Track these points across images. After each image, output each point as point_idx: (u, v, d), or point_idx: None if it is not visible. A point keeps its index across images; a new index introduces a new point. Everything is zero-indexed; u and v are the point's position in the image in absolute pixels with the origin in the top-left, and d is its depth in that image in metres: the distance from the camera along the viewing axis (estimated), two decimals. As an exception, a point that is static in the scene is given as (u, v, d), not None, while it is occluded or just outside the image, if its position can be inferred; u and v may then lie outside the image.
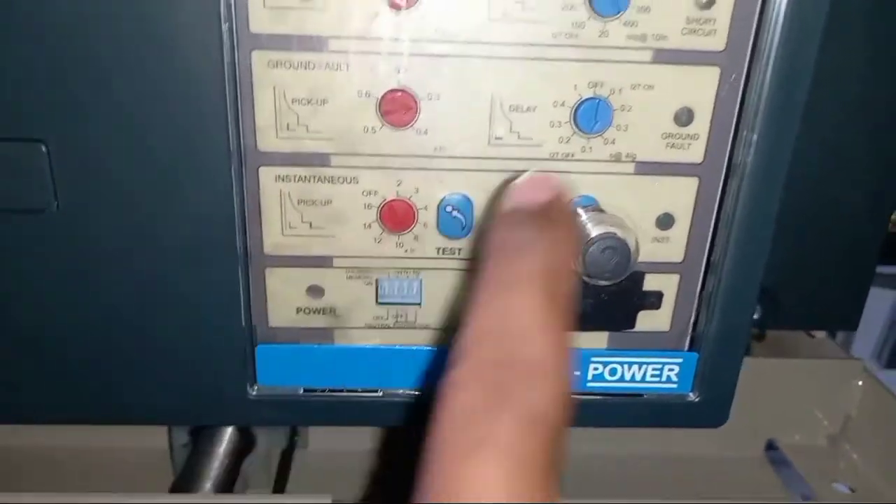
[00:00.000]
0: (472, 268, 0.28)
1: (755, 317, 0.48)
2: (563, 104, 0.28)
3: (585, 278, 0.28)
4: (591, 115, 0.28)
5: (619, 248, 0.27)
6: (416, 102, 0.28)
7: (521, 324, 0.20)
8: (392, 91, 0.27)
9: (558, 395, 0.19)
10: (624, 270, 0.27)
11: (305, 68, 0.27)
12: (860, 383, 0.56)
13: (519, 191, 0.25)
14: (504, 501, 0.17)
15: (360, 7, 0.26)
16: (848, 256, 0.47)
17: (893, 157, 0.44)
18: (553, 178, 0.26)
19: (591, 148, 0.29)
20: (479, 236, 0.27)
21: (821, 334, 0.57)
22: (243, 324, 0.30)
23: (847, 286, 0.47)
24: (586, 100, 0.28)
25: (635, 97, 0.28)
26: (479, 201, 0.29)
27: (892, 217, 0.48)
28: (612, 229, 0.27)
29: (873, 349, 0.83)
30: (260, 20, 0.26)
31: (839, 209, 0.45)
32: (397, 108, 0.28)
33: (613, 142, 0.29)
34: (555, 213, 0.25)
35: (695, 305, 0.32)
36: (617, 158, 0.29)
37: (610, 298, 0.31)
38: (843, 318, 0.48)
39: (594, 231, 0.28)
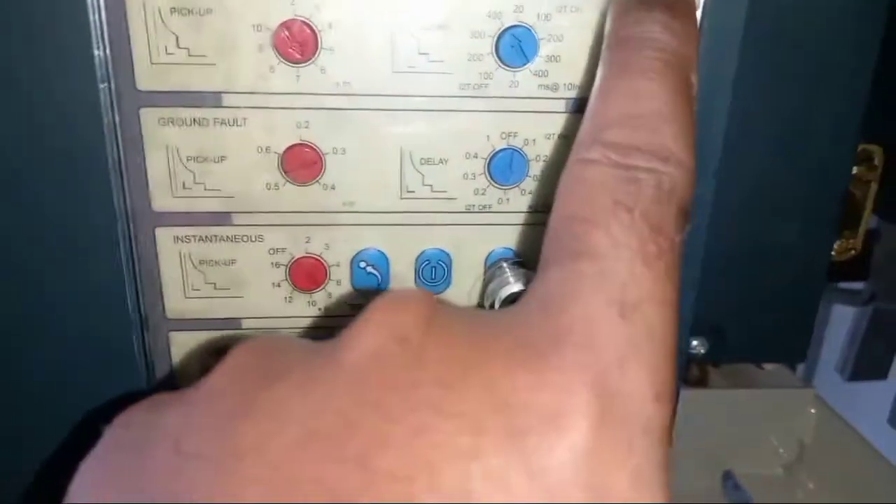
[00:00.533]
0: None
1: (702, 352, 0.47)
2: (475, 156, 0.27)
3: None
4: (506, 167, 0.27)
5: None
6: (320, 157, 0.26)
7: (650, 110, 0.20)
8: (294, 146, 0.26)
9: (687, 181, 0.20)
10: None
11: (199, 125, 0.25)
12: (813, 411, 0.55)
13: None
14: (630, 255, 0.18)
15: (253, 61, 0.25)
16: (793, 288, 0.46)
17: (832, 188, 0.44)
18: None
19: (508, 199, 0.28)
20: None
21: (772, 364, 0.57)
22: (147, 389, 0.28)
23: (793, 318, 0.47)
24: (500, 151, 0.27)
25: (551, 147, 0.27)
26: (395, 255, 0.28)
27: (836, 246, 0.47)
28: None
29: (836, 363, 0.83)
30: (147, 77, 0.25)
31: (781, 241, 0.44)
32: (300, 163, 0.26)
33: (531, 192, 0.28)
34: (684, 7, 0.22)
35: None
36: (536, 209, 0.28)
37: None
38: (791, 349, 0.47)
39: (516, 287, 0.26)
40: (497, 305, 0.26)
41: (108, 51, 0.24)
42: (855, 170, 0.45)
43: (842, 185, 0.44)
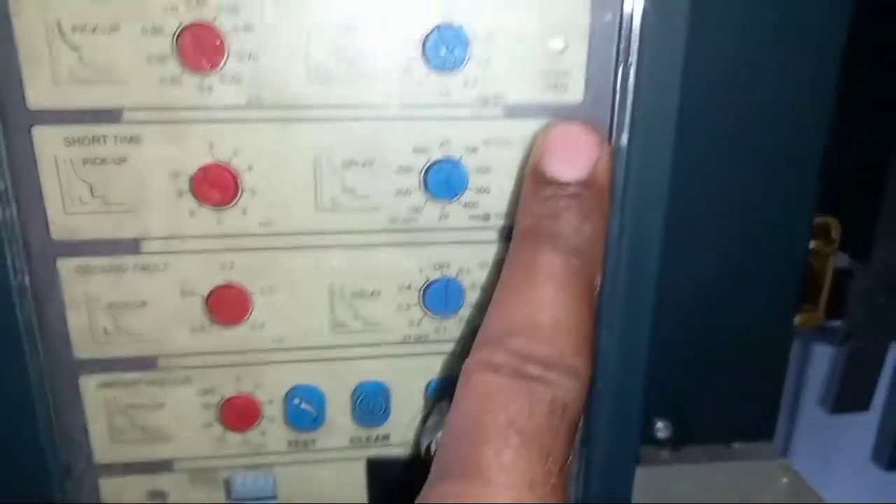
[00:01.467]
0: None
1: (666, 435, 0.47)
2: (409, 287, 0.26)
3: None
4: (441, 297, 0.26)
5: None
6: (247, 297, 0.25)
7: (552, 320, 0.21)
8: (219, 288, 0.25)
9: (580, 393, 0.21)
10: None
11: (118, 272, 0.25)
12: (785, 481, 0.54)
13: (555, 153, 0.23)
14: (518, 481, 0.18)
15: (171, 207, 0.24)
16: (756, 366, 0.45)
17: (790, 265, 0.44)
18: (594, 136, 0.22)
19: (445, 329, 0.27)
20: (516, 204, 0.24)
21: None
22: (74, 539, 0.27)
23: (758, 396, 0.46)
24: (434, 281, 0.26)
25: (486, 275, 0.26)
26: (330, 390, 0.27)
27: (798, 319, 0.47)
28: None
29: (818, 398, 0.83)
30: (61, 228, 0.24)
31: (742, 321, 0.44)
32: (226, 305, 0.25)
33: (470, 321, 0.27)
34: (594, 194, 0.22)
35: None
36: (474, 337, 0.27)
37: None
38: (756, 429, 0.47)
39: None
40: (433, 447, 0.25)
41: (15, 208, 0.23)
42: (813, 244, 0.45)
43: (799, 261, 0.44)
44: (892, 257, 0.53)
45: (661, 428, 0.46)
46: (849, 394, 0.67)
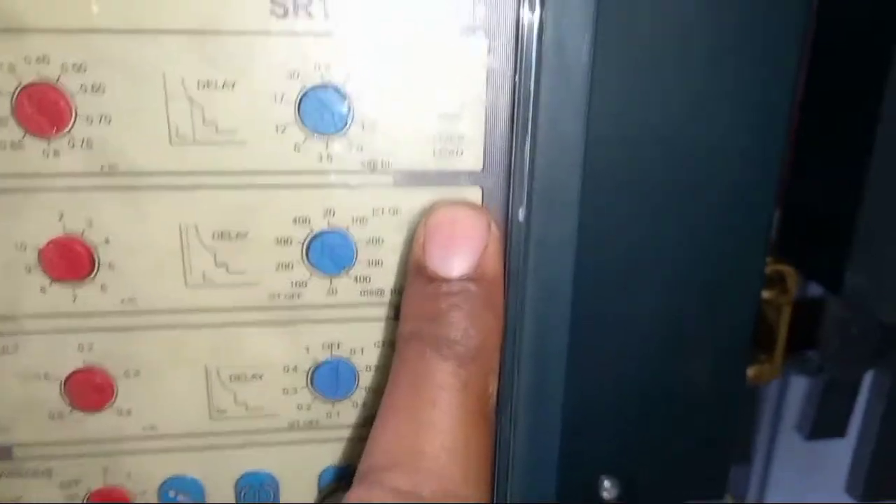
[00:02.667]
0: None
1: (613, 495, 0.44)
2: (294, 369, 0.24)
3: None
4: (332, 379, 0.24)
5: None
6: (110, 381, 0.23)
7: (437, 448, 0.18)
8: (77, 371, 0.22)
9: None
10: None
11: (-39, 354, 0.22)
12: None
13: (438, 244, 0.20)
14: None
15: (19, 283, 0.21)
16: (706, 424, 0.43)
17: (740, 317, 0.41)
18: (480, 220, 0.20)
19: (338, 413, 0.24)
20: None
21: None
22: None
23: (708, 454, 0.43)
24: (323, 363, 0.23)
25: (381, 355, 0.24)
26: (210, 481, 0.24)
27: (751, 372, 0.44)
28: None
29: (796, 423, 0.82)
30: None
31: (691, 377, 0.41)
32: (87, 389, 0.23)
33: (365, 404, 0.24)
34: (483, 289, 0.20)
35: None
36: (371, 422, 0.24)
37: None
38: (707, 486, 0.44)
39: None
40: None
41: None
42: (766, 294, 0.43)
43: (750, 315, 0.41)
44: (863, 286, 0.51)
45: (608, 487, 0.43)
46: (825, 420, 0.67)
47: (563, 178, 0.21)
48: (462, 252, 0.20)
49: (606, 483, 0.44)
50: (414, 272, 0.20)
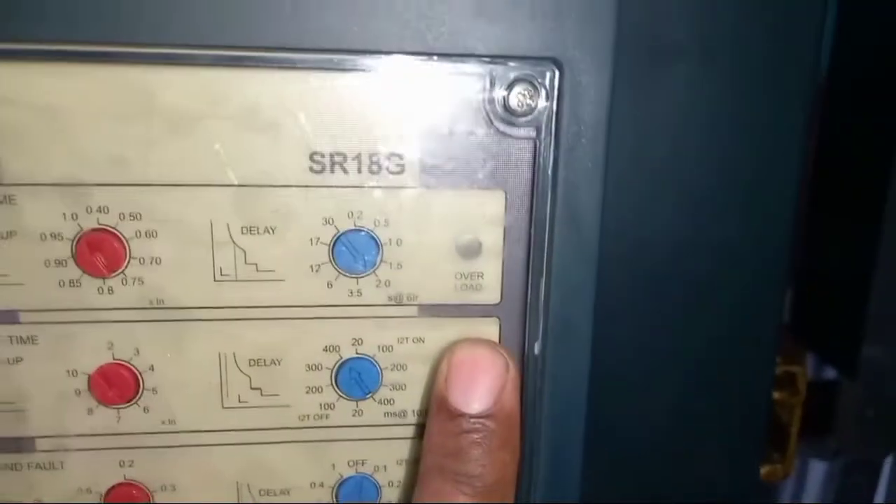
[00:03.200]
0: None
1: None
2: (321, 485, 0.25)
3: None
4: (356, 495, 0.25)
5: None
6: (148, 495, 0.24)
7: None
8: (119, 486, 0.24)
9: None
10: None
11: (13, 469, 0.23)
12: None
13: (459, 381, 0.21)
14: None
15: (68, 406, 0.23)
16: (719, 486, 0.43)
17: (751, 418, 0.42)
18: (499, 359, 0.21)
19: (360, 526, 0.25)
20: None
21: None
22: None
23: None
24: (347, 479, 0.25)
25: (404, 472, 0.25)
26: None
27: (764, 470, 0.45)
28: None
29: None
30: (-52, 429, 0.23)
31: (703, 476, 0.42)
32: (126, 503, 0.24)
33: (385, 517, 0.25)
34: (501, 427, 0.21)
35: None
36: (392, 534, 0.26)
37: None
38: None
39: None
40: None
41: None
42: (777, 395, 0.44)
43: (762, 412, 0.42)
44: (879, 369, 0.51)
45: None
46: None
47: (575, 317, 0.23)
48: (482, 390, 0.21)
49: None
50: (437, 406, 0.22)
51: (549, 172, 0.22)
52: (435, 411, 0.22)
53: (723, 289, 0.38)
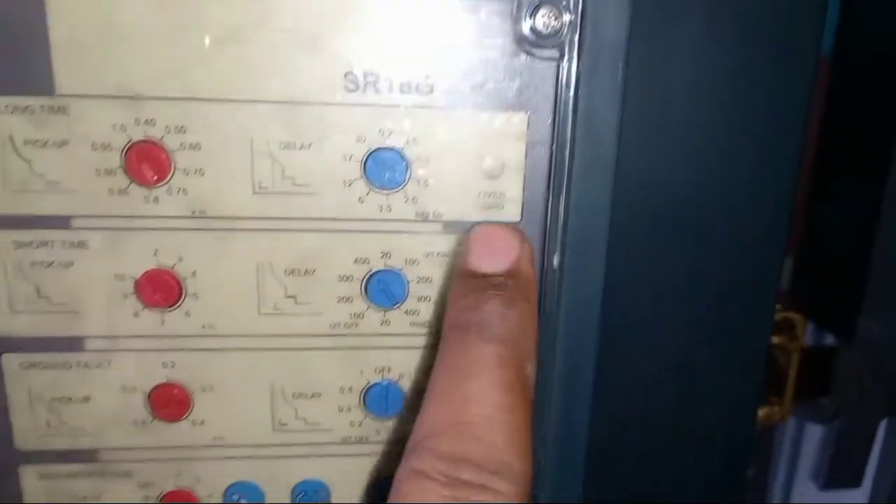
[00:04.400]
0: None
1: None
2: (350, 390, 0.27)
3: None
4: (382, 400, 0.27)
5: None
6: (188, 396, 0.26)
7: (480, 417, 0.20)
8: (160, 386, 0.26)
9: (518, 492, 0.19)
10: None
11: (63, 368, 0.25)
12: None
13: (478, 249, 0.23)
14: None
15: (116, 308, 0.25)
16: (717, 466, 0.45)
17: (750, 361, 0.44)
18: (515, 235, 0.23)
19: (386, 430, 0.27)
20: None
21: None
22: None
23: (719, 497, 0.46)
24: (374, 385, 0.27)
25: (427, 380, 0.27)
26: (269, 487, 0.27)
27: (762, 412, 0.47)
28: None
29: (810, 472, 0.82)
30: (7, 324, 0.24)
31: (701, 420, 0.44)
32: (168, 402, 0.26)
33: (410, 423, 0.27)
34: (518, 283, 0.22)
35: None
36: (414, 438, 0.27)
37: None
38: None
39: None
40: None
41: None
42: (776, 339, 0.45)
43: (760, 357, 0.44)
44: (877, 335, 0.53)
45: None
46: (840, 470, 0.67)
47: (592, 231, 0.24)
48: (499, 255, 0.22)
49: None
50: (456, 276, 0.23)
51: (571, 94, 0.23)
52: (455, 280, 0.23)
53: (728, 230, 0.39)
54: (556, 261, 0.24)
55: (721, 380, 0.42)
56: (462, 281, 0.23)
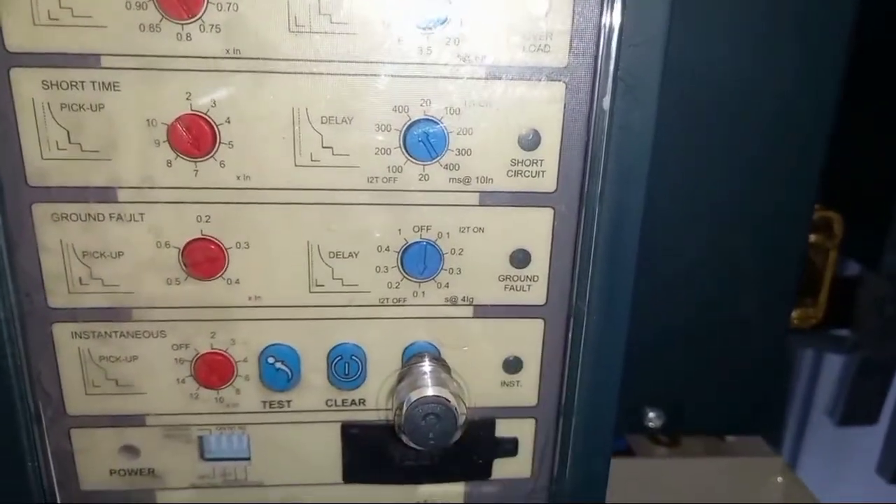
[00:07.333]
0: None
1: (658, 424, 0.46)
2: (387, 249, 0.26)
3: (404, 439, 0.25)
4: (420, 260, 0.26)
5: (442, 417, 0.24)
6: (223, 252, 0.25)
7: None
8: (194, 241, 0.25)
9: None
10: (444, 440, 0.24)
11: (94, 220, 0.24)
12: (780, 480, 0.54)
13: None
14: None
15: (148, 157, 0.24)
16: (750, 359, 0.45)
17: (788, 257, 0.43)
18: None
19: (423, 293, 0.27)
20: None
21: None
22: (43, 486, 0.27)
23: (751, 392, 0.45)
24: (412, 244, 0.26)
25: (465, 240, 0.26)
26: (305, 351, 0.27)
27: (795, 314, 0.46)
28: (444, 394, 0.25)
29: (827, 408, 0.82)
30: (38, 173, 0.24)
31: (738, 312, 0.43)
32: (202, 258, 0.25)
33: (447, 285, 0.27)
34: None
35: (555, 450, 0.29)
36: (453, 302, 0.27)
37: (462, 447, 0.28)
38: (749, 423, 0.46)
39: (428, 391, 0.25)
40: (405, 408, 0.25)
41: (-9, 149, 0.23)
42: (813, 238, 0.44)
43: (798, 254, 0.43)
44: None
45: (653, 418, 0.45)
46: (857, 406, 0.67)
47: (644, 73, 0.23)
48: None
49: (651, 414, 0.46)
50: None
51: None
52: None
53: (772, 130, 0.38)
54: (606, 102, 0.23)
55: (756, 279, 0.41)
56: None
